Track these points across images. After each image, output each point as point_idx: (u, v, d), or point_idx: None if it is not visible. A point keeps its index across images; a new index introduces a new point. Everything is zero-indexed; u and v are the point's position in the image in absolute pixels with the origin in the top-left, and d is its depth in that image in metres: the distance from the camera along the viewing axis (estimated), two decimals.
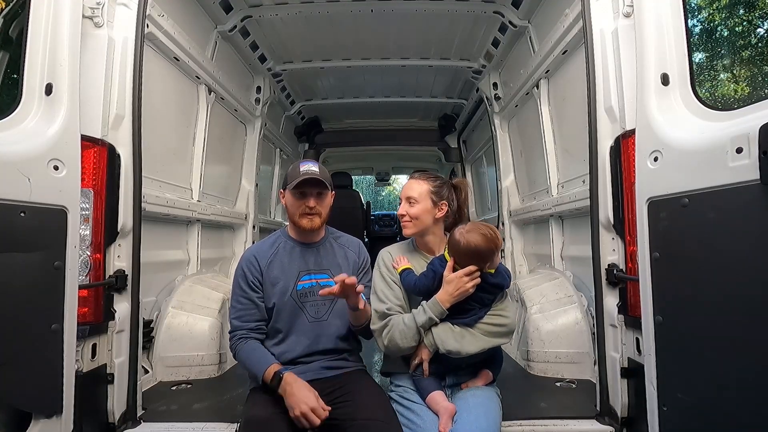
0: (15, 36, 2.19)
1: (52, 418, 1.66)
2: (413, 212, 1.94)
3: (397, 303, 1.89)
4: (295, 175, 1.94)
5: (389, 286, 1.92)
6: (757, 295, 1.36)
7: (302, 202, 1.94)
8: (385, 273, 1.95)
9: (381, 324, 1.86)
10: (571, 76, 2.85)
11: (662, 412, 1.64)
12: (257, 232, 4.23)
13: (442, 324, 1.81)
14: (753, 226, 1.38)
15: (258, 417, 1.72)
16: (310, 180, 1.92)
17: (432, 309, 1.79)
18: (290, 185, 1.94)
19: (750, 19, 13.55)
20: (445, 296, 1.79)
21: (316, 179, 1.92)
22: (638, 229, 1.73)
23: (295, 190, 1.94)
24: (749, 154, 1.37)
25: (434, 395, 1.80)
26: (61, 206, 1.68)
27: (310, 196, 1.94)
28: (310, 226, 1.96)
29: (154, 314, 2.69)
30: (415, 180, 2.01)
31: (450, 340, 1.78)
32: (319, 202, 1.97)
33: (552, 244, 3.30)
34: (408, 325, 1.81)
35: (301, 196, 1.94)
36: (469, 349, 1.78)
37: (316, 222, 1.97)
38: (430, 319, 1.79)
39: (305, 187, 1.93)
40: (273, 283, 1.94)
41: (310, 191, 1.94)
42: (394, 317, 1.85)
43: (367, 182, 21.00)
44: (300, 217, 1.95)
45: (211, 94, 3.35)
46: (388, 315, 1.86)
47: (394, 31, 3.67)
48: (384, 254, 2.01)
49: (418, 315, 1.81)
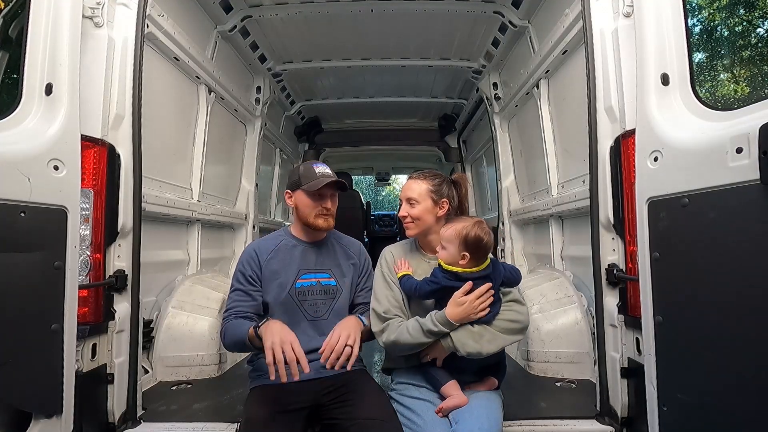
0: (15, 36, 2.19)
1: (52, 418, 1.66)
2: (415, 213, 1.94)
3: (395, 305, 1.88)
4: (311, 176, 1.95)
5: (389, 287, 1.92)
6: (757, 295, 1.36)
7: (319, 203, 1.96)
8: (386, 273, 1.95)
9: (381, 326, 1.85)
10: (571, 76, 2.86)
11: (662, 412, 1.64)
12: (257, 232, 4.23)
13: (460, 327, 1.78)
14: (753, 226, 1.38)
15: (258, 417, 1.72)
16: (332, 183, 1.95)
17: (442, 323, 1.75)
18: (309, 186, 1.94)
19: (750, 19, 13.55)
20: (454, 315, 1.75)
21: (340, 182, 1.97)
22: (638, 229, 1.73)
23: (313, 192, 1.95)
24: (749, 154, 1.36)
25: (451, 385, 1.80)
26: (61, 206, 1.68)
27: (328, 198, 1.97)
28: (326, 226, 1.98)
29: (154, 314, 2.70)
30: (414, 180, 2.00)
31: (470, 342, 1.74)
32: (334, 203, 2.01)
33: (552, 244, 3.30)
34: (413, 335, 1.77)
35: (319, 197, 1.96)
36: (489, 349, 1.75)
37: (331, 222, 2.00)
38: (440, 332, 1.75)
39: (325, 189, 1.95)
40: (271, 278, 1.95)
41: (328, 192, 1.98)
42: (393, 322, 1.83)
43: (367, 182, 21.00)
44: (316, 217, 1.96)
45: (211, 94, 3.35)
46: (387, 318, 1.85)
47: (394, 31, 3.67)
48: (386, 253, 2.01)
49: (425, 324, 1.76)
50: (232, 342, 1.86)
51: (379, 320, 1.86)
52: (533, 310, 2.72)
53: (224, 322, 1.90)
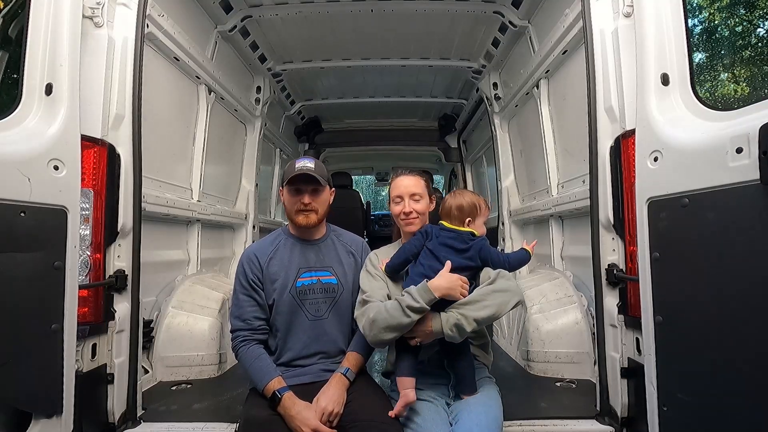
0: (15, 36, 2.19)
1: (52, 418, 1.66)
2: (420, 208, 1.95)
3: (378, 291, 1.85)
4: (291, 171, 1.94)
5: (374, 278, 1.90)
6: (757, 295, 1.36)
7: (297, 198, 1.94)
8: (371, 269, 1.94)
9: (361, 310, 1.80)
10: (571, 76, 2.85)
11: (662, 412, 1.64)
12: (257, 232, 4.23)
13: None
14: (753, 226, 1.38)
15: (258, 417, 1.72)
16: (302, 176, 1.91)
17: (422, 296, 1.67)
18: (288, 182, 1.93)
19: (750, 19, 13.55)
20: (437, 287, 1.70)
21: (309, 175, 1.91)
22: (638, 229, 1.73)
23: (290, 187, 1.93)
24: (749, 154, 1.37)
25: (406, 380, 1.74)
26: (61, 206, 1.68)
27: (305, 193, 1.94)
28: (305, 223, 1.95)
29: (154, 314, 2.69)
30: (411, 176, 2.00)
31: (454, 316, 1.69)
32: (315, 198, 1.95)
33: (552, 244, 3.30)
34: (392, 313, 1.68)
35: (296, 192, 1.94)
36: (478, 315, 1.68)
37: (312, 218, 1.95)
38: (421, 308, 1.67)
39: (299, 183, 1.92)
40: (272, 279, 1.94)
41: (305, 188, 1.94)
42: (372, 303, 1.77)
43: (367, 182, 20.99)
44: (296, 213, 1.95)
45: (211, 94, 3.35)
46: (366, 302, 1.80)
47: (394, 31, 3.67)
48: (371, 256, 2.01)
49: (404, 300, 1.68)
50: (247, 370, 1.88)
51: (360, 305, 1.83)
52: (533, 310, 2.72)
53: (238, 338, 1.90)
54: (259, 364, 1.84)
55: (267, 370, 1.82)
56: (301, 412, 1.69)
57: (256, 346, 1.89)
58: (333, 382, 1.80)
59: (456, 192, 1.98)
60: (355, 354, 1.91)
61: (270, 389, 1.75)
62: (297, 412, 1.69)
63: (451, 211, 1.89)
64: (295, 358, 1.92)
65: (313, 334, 1.93)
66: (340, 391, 1.77)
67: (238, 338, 1.90)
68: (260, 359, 1.85)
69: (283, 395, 1.73)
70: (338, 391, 1.77)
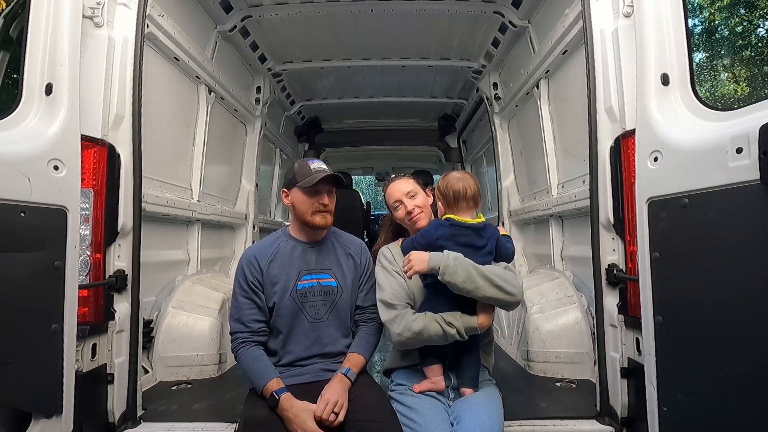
0: (15, 36, 2.19)
1: (52, 418, 1.66)
2: (419, 203, 1.99)
3: (399, 291, 1.87)
4: (306, 172, 1.92)
5: (392, 275, 1.92)
6: (757, 295, 1.36)
7: (316, 199, 1.93)
8: (387, 265, 1.95)
9: (391, 315, 1.82)
10: (571, 76, 2.85)
11: (662, 412, 1.64)
12: (257, 232, 4.23)
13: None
14: (753, 226, 1.38)
15: (257, 417, 1.72)
16: (327, 177, 1.92)
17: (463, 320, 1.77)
18: (304, 182, 1.91)
19: (750, 19, 13.55)
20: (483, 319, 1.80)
21: (335, 176, 1.95)
22: (638, 229, 1.73)
23: (309, 188, 1.92)
24: (749, 154, 1.36)
25: (434, 368, 1.85)
26: (61, 206, 1.68)
27: (324, 193, 1.94)
28: (323, 223, 1.95)
29: (154, 314, 2.69)
30: (398, 180, 2.08)
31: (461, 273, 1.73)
32: (331, 199, 1.98)
33: (552, 244, 3.30)
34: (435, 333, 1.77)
35: (315, 193, 1.93)
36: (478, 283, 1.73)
37: (329, 219, 1.97)
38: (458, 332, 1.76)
39: (320, 184, 1.92)
40: (273, 282, 1.93)
41: (323, 188, 1.94)
42: (406, 313, 1.82)
43: (367, 182, 20.97)
44: (313, 215, 1.93)
45: (211, 94, 3.35)
46: (393, 305, 1.84)
47: (394, 31, 3.67)
48: (384, 250, 2.02)
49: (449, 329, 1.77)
50: (246, 372, 1.88)
51: (387, 308, 1.85)
52: (533, 310, 2.72)
53: (238, 340, 1.89)
54: (257, 366, 1.84)
55: (265, 371, 1.82)
56: (299, 415, 1.68)
57: (255, 347, 1.88)
58: (335, 381, 1.80)
59: (449, 178, 1.93)
60: (356, 355, 1.91)
61: (268, 390, 1.75)
62: (294, 414, 1.68)
63: (459, 202, 1.88)
64: (295, 360, 1.92)
65: (313, 336, 1.93)
66: (343, 388, 1.78)
67: (238, 340, 1.90)
68: (259, 360, 1.85)
69: (280, 396, 1.73)
70: (342, 387, 1.78)
